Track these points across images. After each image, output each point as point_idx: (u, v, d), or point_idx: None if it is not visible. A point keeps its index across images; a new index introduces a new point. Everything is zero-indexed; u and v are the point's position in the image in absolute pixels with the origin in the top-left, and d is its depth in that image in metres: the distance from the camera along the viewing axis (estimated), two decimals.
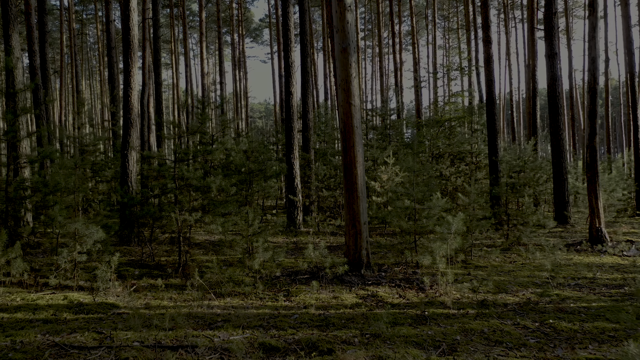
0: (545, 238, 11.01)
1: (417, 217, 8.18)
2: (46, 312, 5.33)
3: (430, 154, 18.72)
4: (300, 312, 5.42)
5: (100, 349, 4.22)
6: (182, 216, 6.77)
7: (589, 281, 7.11)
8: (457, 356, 4.10)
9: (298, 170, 12.71)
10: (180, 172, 6.93)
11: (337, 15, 7.04)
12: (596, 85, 10.63)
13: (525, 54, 31.96)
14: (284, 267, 7.73)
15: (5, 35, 9.70)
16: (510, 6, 42.27)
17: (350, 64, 7.03)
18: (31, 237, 6.29)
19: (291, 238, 11.02)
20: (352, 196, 7.24)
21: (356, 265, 7.11)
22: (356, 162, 7.19)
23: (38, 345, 4.33)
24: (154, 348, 4.21)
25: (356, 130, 7.14)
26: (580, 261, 8.68)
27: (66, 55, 43.48)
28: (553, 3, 14.29)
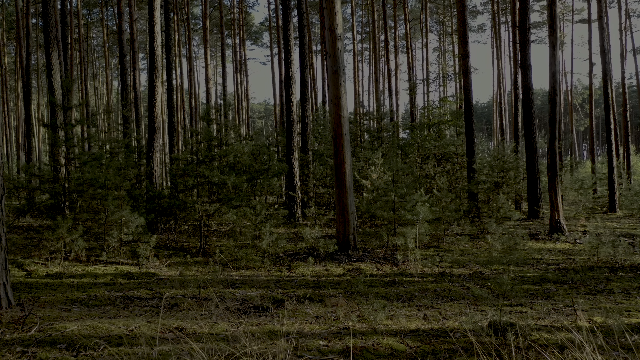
0: (513, 229, 12.64)
1: (397, 209, 9.81)
2: (105, 278, 6.94)
3: (419, 155, 20.32)
4: (299, 278, 7.03)
5: (153, 299, 5.82)
6: (204, 206, 8.37)
7: (535, 260, 8.73)
8: (411, 303, 5.71)
9: (297, 169, 14.31)
10: (201, 171, 8.53)
11: (329, 44, 8.65)
12: (556, 97, 12.25)
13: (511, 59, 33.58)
14: (285, 250, 9.34)
15: (47, 54, 11.30)
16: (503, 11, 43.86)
17: (340, 83, 8.64)
18: (87, 222, 7.85)
19: (291, 229, 12.63)
20: (342, 191, 8.86)
21: (344, 246, 8.73)
22: (345, 163, 8.81)
23: (108, 297, 5.94)
24: (193, 298, 5.81)
25: (345, 137, 8.76)
26: (536, 247, 10.31)
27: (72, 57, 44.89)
28: (527, 19, 15.88)
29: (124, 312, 5.19)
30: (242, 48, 45.31)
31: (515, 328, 4.32)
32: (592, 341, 3.90)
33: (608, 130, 20.75)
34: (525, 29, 16.00)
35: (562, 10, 50.03)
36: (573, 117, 49.80)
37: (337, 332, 4.46)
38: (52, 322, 4.71)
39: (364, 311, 5.16)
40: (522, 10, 15.62)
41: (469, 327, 4.46)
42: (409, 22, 35.89)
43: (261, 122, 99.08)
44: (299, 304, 5.53)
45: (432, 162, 19.01)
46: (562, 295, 6.02)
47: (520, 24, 16.05)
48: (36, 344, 4.11)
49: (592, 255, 8.75)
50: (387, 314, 5.04)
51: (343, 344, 4.11)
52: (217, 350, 3.75)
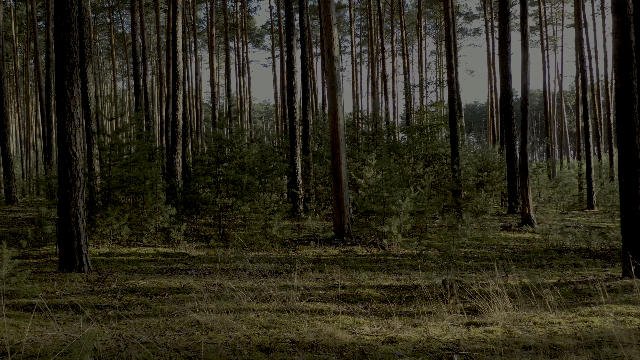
0: (489, 222, 14.35)
1: (386, 203, 11.52)
2: (147, 256, 8.65)
3: (411, 155, 22.02)
4: (303, 257, 8.74)
5: (191, 270, 7.52)
6: (222, 200, 10.06)
7: (501, 246, 10.44)
8: (389, 272, 7.42)
9: (299, 169, 16.01)
10: (221, 170, 10.22)
11: (327, 64, 10.35)
12: (526, 106, 13.96)
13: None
14: (290, 238, 11.04)
15: (82, 68, 13.01)
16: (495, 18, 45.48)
17: (337, 97, 10.35)
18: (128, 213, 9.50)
19: (294, 221, 14.33)
20: (338, 187, 10.57)
21: (340, 234, 10.44)
22: (341, 164, 10.52)
23: (155, 268, 7.64)
24: (221, 269, 7.52)
25: (341, 142, 10.47)
26: (505, 236, 12.01)
27: None
28: (507, 34, 17.57)
29: (172, 277, 6.90)
30: (244, 51, 46.96)
31: (460, 284, 6.03)
32: (510, 291, 5.63)
33: (586, 132, 22.43)
34: (505, 42, 17.69)
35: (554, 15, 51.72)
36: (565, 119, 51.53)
37: (332, 286, 6.18)
38: (124, 280, 6.43)
39: (352, 275, 6.87)
40: (502, 26, 17.32)
41: (427, 283, 6.17)
42: (405, 28, 37.58)
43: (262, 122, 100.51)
44: (304, 271, 7.24)
45: (423, 162, 20.70)
46: (507, 267, 7.72)
47: (500, 38, 17.74)
48: (119, 292, 5.83)
49: (546, 242, 10.46)
50: (369, 276, 6.75)
51: (336, 292, 5.83)
52: (250, 292, 5.47)
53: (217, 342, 4.15)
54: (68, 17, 6.63)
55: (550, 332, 4.46)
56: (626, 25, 6.38)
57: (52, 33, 27.15)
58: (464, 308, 5.25)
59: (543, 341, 4.16)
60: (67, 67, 6.63)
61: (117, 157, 9.77)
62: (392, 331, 4.52)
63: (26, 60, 45.84)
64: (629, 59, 6.39)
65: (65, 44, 6.62)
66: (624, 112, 6.41)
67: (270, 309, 5.11)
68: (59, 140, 6.58)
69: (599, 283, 6.37)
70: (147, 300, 5.54)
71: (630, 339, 4.12)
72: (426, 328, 4.58)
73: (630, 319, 4.79)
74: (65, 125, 6.53)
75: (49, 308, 5.08)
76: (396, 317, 4.95)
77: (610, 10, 16.90)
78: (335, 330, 4.44)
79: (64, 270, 6.69)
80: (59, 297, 5.65)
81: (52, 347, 4.00)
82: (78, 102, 6.60)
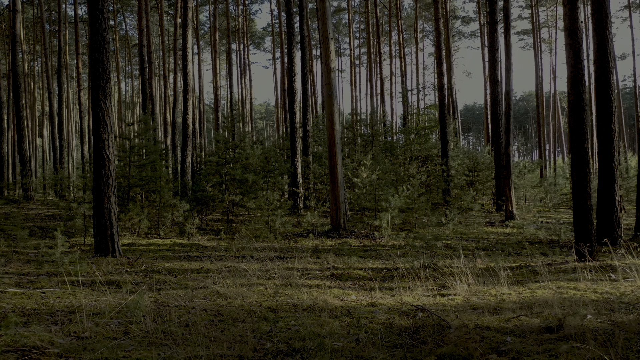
0: (475, 218, 15.48)
1: (378, 200, 12.65)
2: (165, 246, 9.79)
3: (406, 156, 23.15)
4: (302, 247, 9.88)
5: (205, 257, 8.66)
6: (230, 197, 11.19)
7: (482, 239, 11.56)
8: (377, 258, 8.54)
9: (300, 169, 17.14)
10: (228, 170, 11.34)
11: (325, 74, 11.48)
12: (510, 111, 15.08)
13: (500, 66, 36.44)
14: (291, 232, 12.17)
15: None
16: None
17: (333, 104, 11.48)
18: (146, 208, 10.62)
19: (295, 218, 15.46)
20: (335, 185, 11.70)
21: (336, 228, 11.57)
22: (337, 165, 11.65)
23: (173, 255, 8.77)
24: (232, 256, 8.65)
25: (337, 145, 11.60)
26: (488, 230, 13.14)
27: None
28: (495, 41, 18.69)
29: (190, 261, 8.04)
30: (245, 54, 48.07)
31: (435, 266, 7.16)
32: (475, 272, 6.76)
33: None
34: (493, 50, 18.82)
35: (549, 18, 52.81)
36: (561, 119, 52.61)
37: (327, 268, 7.32)
38: (151, 263, 7.57)
39: (345, 260, 8.01)
40: (491, 35, 18.46)
41: (407, 266, 7.31)
42: (402, 32, 38.69)
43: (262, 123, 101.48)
44: (303, 257, 8.38)
45: (417, 163, 21.83)
46: (480, 255, 8.86)
47: (489, 46, 18.88)
48: (149, 272, 6.96)
49: (521, 235, 11.59)
50: (359, 261, 7.90)
51: (330, 272, 6.97)
52: (258, 272, 6.61)
53: (235, 305, 5.28)
54: (102, 40, 7.76)
55: (499, 300, 5.59)
56: (577, 47, 7.51)
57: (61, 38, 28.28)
58: (435, 284, 6.39)
59: (491, 305, 5.29)
60: (102, 82, 7.76)
61: (135, 158, 10.90)
62: (373, 299, 5.65)
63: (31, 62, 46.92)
64: (580, 76, 7.52)
65: (99, 62, 7.75)
66: (576, 121, 7.54)
67: (276, 284, 6.25)
68: (95, 144, 7.70)
69: (553, 266, 7.51)
70: (173, 278, 6.67)
71: (560, 303, 5.26)
72: (401, 297, 5.71)
73: (567, 291, 5.92)
74: (100, 131, 7.67)
75: (93, 284, 6.22)
76: (378, 290, 6.09)
77: None
78: (328, 298, 5.58)
79: (100, 255, 7.82)
80: (99, 276, 6.78)
81: (107, 309, 5.13)
82: (110, 112, 7.74)
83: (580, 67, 7.50)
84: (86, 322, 4.64)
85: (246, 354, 3.86)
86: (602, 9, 9.54)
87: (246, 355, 3.82)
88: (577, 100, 7.50)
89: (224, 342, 4.11)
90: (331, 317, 4.85)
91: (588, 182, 7.45)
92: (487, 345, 4.03)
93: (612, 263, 7.20)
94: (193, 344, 4.07)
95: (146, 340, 4.27)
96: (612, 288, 6.02)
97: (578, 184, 7.49)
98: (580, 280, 6.42)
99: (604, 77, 9.45)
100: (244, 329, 4.46)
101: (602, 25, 9.51)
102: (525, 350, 3.88)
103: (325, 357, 3.69)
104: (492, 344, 4.06)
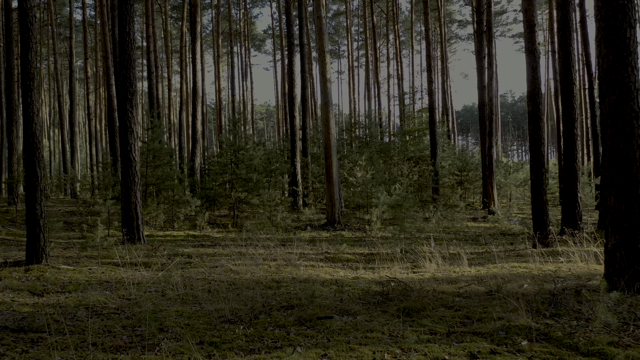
0: (459, 214, 16.79)
1: (370, 197, 13.97)
2: (180, 237, 11.11)
3: (400, 157, 24.45)
4: (301, 238, 11.20)
5: (216, 244, 9.97)
6: (237, 194, 12.51)
7: (462, 231, 12.86)
8: (365, 246, 9.85)
9: (299, 169, 18.45)
10: (234, 169, 12.65)
11: (322, 85, 12.79)
12: (492, 116, 16.40)
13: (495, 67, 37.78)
14: (291, 225, 13.49)
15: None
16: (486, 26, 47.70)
17: (329, 111, 12.79)
18: (160, 205, 11.93)
19: (294, 214, 16.77)
20: (330, 184, 13.01)
21: (332, 222, 12.89)
22: (332, 165, 12.96)
23: (189, 244, 10.08)
24: (242, 245, 9.96)
25: (332, 147, 12.91)
26: (469, 224, 14.44)
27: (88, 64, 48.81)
28: (482, 49, 19.99)
29: (204, 248, 9.36)
30: (246, 57, 49.36)
31: (412, 251, 8.48)
32: (445, 256, 8.08)
33: (558, 135, 24.84)
34: (480, 57, 20.11)
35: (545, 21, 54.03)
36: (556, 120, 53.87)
37: (321, 252, 8.64)
38: (171, 249, 8.89)
39: (337, 247, 9.33)
40: (477, 43, 19.75)
41: (389, 251, 8.63)
42: (399, 37, 39.99)
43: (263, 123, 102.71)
44: (301, 245, 9.70)
45: (410, 163, 23.15)
46: (453, 243, 10.18)
47: (477, 54, 20.16)
48: (171, 255, 8.28)
49: (497, 228, 12.90)
50: (349, 248, 9.22)
51: (323, 256, 8.29)
52: (263, 255, 7.93)
53: (246, 278, 6.60)
54: (129, 58, 9.08)
55: (459, 275, 6.90)
56: (535, 66, 8.82)
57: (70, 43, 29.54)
58: (410, 265, 7.70)
59: (451, 278, 6.61)
60: (128, 94, 9.08)
61: (151, 159, 12.22)
62: (357, 274, 6.97)
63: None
64: (537, 90, 8.83)
65: (126, 77, 9.07)
66: (533, 129, 8.85)
67: (278, 264, 7.57)
68: (122, 148, 9.02)
69: (514, 252, 8.83)
70: (191, 260, 7.99)
71: (508, 276, 6.56)
72: (380, 273, 7.03)
73: (516, 269, 7.23)
74: (127, 137, 8.98)
75: (127, 264, 7.54)
76: (362, 269, 7.40)
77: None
78: (321, 273, 6.90)
79: (127, 243, 9.14)
80: (129, 259, 8.10)
81: (144, 280, 6.45)
82: (137, 121, 9.06)
83: (537, 83, 8.80)
84: (130, 289, 5.95)
85: (257, 307, 5.17)
86: (567, 28, 10.83)
87: (257, 308, 5.14)
88: (534, 112, 8.81)
89: (239, 301, 5.43)
90: (322, 286, 6.16)
91: (543, 180, 8.76)
92: (439, 302, 5.34)
93: (563, 249, 8.52)
94: (216, 302, 5.39)
95: (179, 300, 5.59)
96: (555, 267, 7.34)
97: (535, 182, 8.80)
98: (531, 262, 7.73)
99: (568, 88, 10.74)
100: (254, 293, 5.78)
101: (566, 42, 10.79)
102: (467, 305, 5.19)
103: (316, 308, 5.00)
104: (443, 302, 5.38)
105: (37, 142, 6.88)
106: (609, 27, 5.50)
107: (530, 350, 3.89)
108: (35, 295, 5.81)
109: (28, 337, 4.24)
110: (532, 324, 4.36)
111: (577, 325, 4.39)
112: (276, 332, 4.39)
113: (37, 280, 6.48)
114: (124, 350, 3.95)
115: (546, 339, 4.11)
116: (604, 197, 5.56)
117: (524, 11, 8.86)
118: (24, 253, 7.66)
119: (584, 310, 4.76)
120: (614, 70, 5.50)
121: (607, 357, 3.64)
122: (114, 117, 20.49)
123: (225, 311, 4.98)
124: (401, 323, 4.57)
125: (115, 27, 17.31)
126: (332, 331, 4.37)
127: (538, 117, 8.77)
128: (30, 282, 6.39)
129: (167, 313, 4.96)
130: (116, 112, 19.54)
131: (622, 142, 5.49)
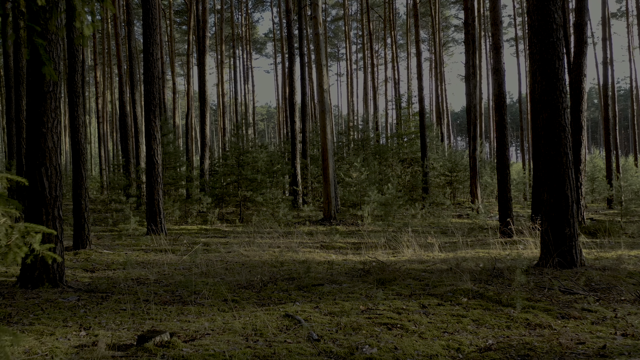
0: (449, 212, 18.27)
1: (363, 195, 15.46)
2: (194, 230, 12.59)
3: (395, 158, 25.91)
4: (300, 231, 12.68)
5: (227, 236, 11.45)
6: (243, 193, 13.99)
7: (445, 226, 14.33)
8: (356, 238, 11.33)
9: (299, 171, 19.94)
10: (240, 170, 14.15)
11: (319, 93, 14.27)
12: (476, 121, 17.86)
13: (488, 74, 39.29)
14: (291, 221, 14.97)
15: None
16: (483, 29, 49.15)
17: (326, 118, 14.26)
18: (176, 202, 13.40)
19: (295, 212, 18.26)
20: (327, 184, 14.50)
21: (328, 218, 14.37)
22: (329, 167, 14.44)
23: (202, 235, 11.56)
24: (249, 236, 11.44)
25: (329, 151, 14.39)
26: (454, 221, 15.91)
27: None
28: (469, 59, 21.46)
29: (217, 238, 10.84)
30: (248, 60, 50.83)
31: (395, 239, 9.96)
32: (423, 244, 9.55)
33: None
34: (469, 66, 21.59)
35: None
36: None
37: (317, 242, 10.14)
38: (190, 239, 10.38)
39: (331, 238, 10.82)
40: (466, 53, 21.22)
41: (376, 240, 10.11)
42: (395, 42, 41.47)
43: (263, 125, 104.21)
44: (300, 236, 11.18)
45: (404, 164, 24.64)
46: (431, 234, 11.65)
47: (465, 63, 21.64)
48: (190, 244, 9.77)
49: (476, 224, 14.39)
50: (342, 239, 10.71)
51: (319, 244, 9.78)
52: (268, 243, 9.43)
53: (255, 260, 8.08)
54: (152, 76, 10.57)
55: (431, 258, 8.37)
56: (500, 82, 10.30)
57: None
58: (391, 251, 9.18)
59: (422, 260, 8.09)
60: (152, 106, 10.57)
61: (166, 161, 13.72)
62: (346, 257, 8.46)
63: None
64: (503, 102, 10.31)
65: (151, 92, 10.56)
66: (499, 136, 10.32)
67: (281, 250, 9.05)
68: (147, 152, 10.50)
69: (483, 241, 10.30)
70: (208, 247, 9.47)
71: (469, 258, 8.04)
72: (365, 256, 8.51)
73: (479, 253, 8.71)
74: (150, 143, 10.46)
75: (155, 250, 9.02)
76: (351, 254, 8.88)
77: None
78: (316, 257, 8.38)
79: (151, 234, 10.62)
80: (154, 247, 9.59)
81: (172, 261, 7.93)
82: (158, 129, 10.54)
83: (502, 96, 10.27)
84: (163, 267, 7.44)
85: (265, 279, 6.66)
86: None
87: (265, 280, 6.62)
88: (500, 121, 10.29)
89: (251, 275, 6.91)
90: (317, 265, 7.65)
91: (508, 180, 10.23)
92: (408, 276, 6.82)
93: (521, 238, 10.00)
94: (233, 275, 6.87)
95: (203, 275, 7.08)
96: (513, 252, 8.81)
97: (501, 182, 10.27)
98: (492, 249, 9.21)
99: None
100: (262, 270, 7.27)
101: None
102: (429, 277, 6.67)
103: (311, 279, 6.48)
104: (412, 275, 6.86)
105: (82, 149, 8.35)
106: (542, 59, 6.99)
107: (467, 303, 5.37)
108: (88, 271, 7.30)
109: (97, 296, 5.73)
110: (473, 287, 5.84)
111: (506, 288, 5.88)
112: (281, 294, 5.87)
113: (85, 261, 7.97)
114: (169, 304, 5.42)
115: (480, 297, 5.59)
116: (538, 193, 7.03)
117: (492, 35, 10.32)
118: (70, 241, 9.15)
119: (515, 279, 6.24)
120: (547, 94, 6.99)
121: (514, 303, 5.13)
122: (126, 122, 21.99)
123: (242, 281, 6.47)
124: (375, 288, 6.05)
125: (131, 40, 18.81)
126: (322, 293, 5.85)
127: (503, 126, 10.25)
128: (81, 262, 7.88)
129: (196, 282, 6.44)
130: (129, 118, 21.05)
131: (553, 150, 6.99)
